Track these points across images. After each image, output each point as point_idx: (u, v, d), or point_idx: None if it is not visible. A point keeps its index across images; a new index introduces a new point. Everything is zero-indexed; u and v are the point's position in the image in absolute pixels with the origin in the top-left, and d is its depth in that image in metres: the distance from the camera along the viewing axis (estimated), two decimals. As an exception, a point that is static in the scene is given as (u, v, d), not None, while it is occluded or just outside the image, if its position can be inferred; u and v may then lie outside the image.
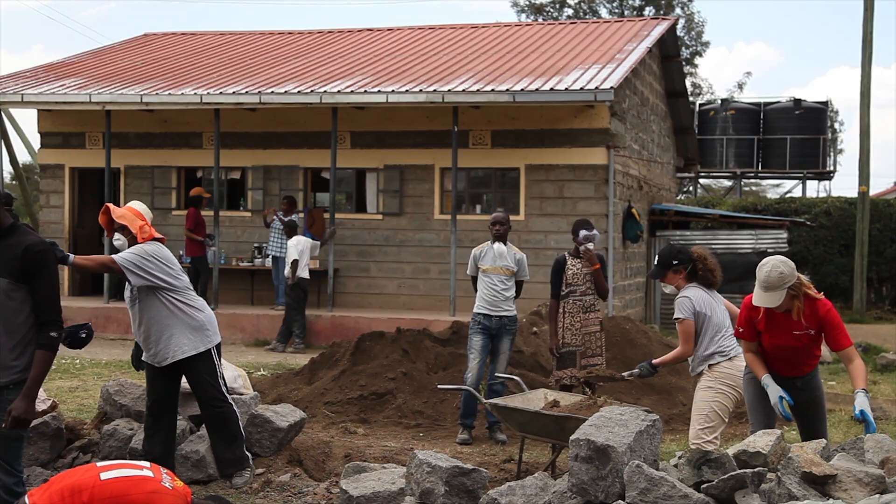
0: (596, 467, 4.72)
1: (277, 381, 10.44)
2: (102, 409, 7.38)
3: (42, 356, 4.74)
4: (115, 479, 4.17)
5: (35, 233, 4.89)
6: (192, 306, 6.49)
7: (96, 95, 16.00)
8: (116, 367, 12.53)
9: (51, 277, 4.78)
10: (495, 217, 8.78)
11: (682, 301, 6.61)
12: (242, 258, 17.01)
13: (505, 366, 8.56)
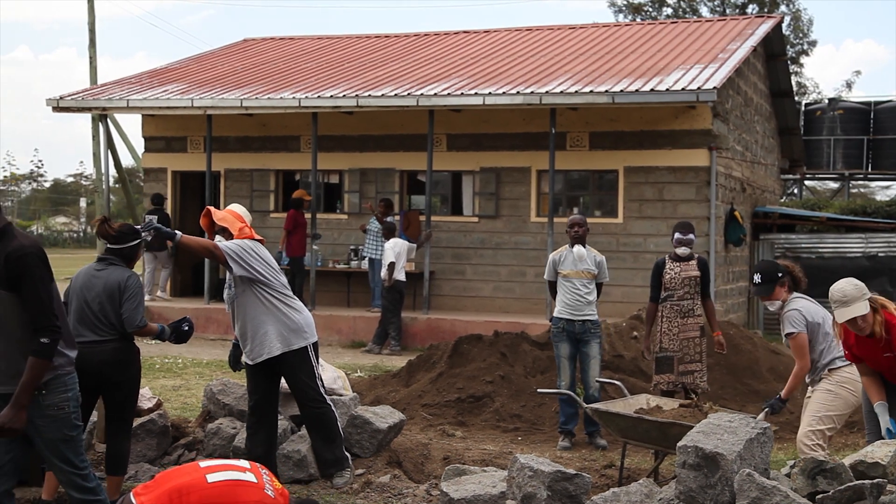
0: (704, 475, 4.59)
1: (375, 382, 10.46)
2: (206, 408, 7.47)
3: (33, 363, 4.56)
4: (222, 482, 4.19)
5: (23, 236, 4.72)
6: (290, 306, 6.53)
7: (198, 100, 16.31)
8: (217, 366, 12.72)
9: (35, 282, 4.58)
10: (573, 219, 8.65)
11: (793, 314, 6.34)
12: (339, 260, 17.15)
13: (598, 371, 8.41)
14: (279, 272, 6.60)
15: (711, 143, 15.17)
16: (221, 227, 6.51)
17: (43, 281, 4.60)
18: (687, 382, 8.31)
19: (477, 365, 9.53)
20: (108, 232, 6.02)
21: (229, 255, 6.25)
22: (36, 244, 4.66)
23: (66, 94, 17.62)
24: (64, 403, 4.74)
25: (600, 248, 13.64)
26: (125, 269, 6.11)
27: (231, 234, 6.47)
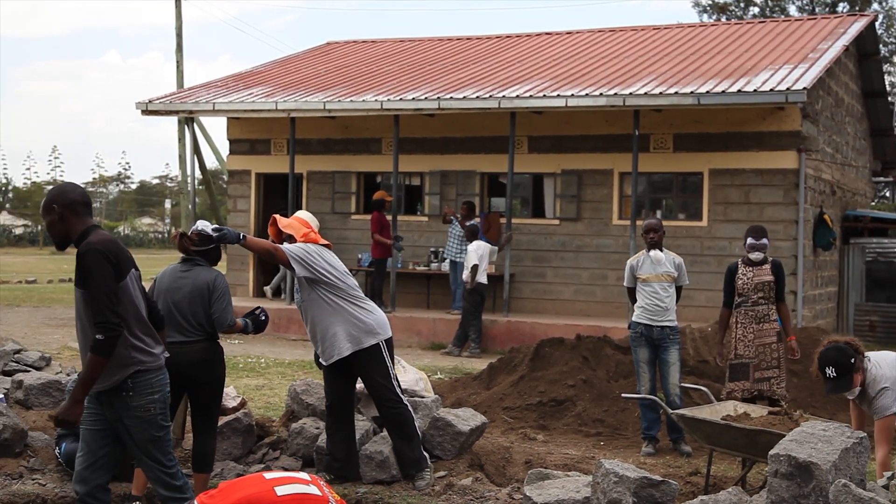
0: (797, 484, 4.47)
1: (456, 385, 10.44)
2: (290, 408, 7.53)
3: (90, 359, 4.64)
4: (291, 495, 4.18)
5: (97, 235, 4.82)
6: (359, 306, 6.53)
7: (282, 103, 16.51)
8: (299, 366, 12.84)
9: (95, 279, 4.66)
10: (648, 224, 8.50)
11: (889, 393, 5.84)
12: (419, 262, 17.18)
13: (678, 377, 8.26)
14: (346, 274, 6.61)
15: (800, 145, 14.82)
16: (288, 234, 6.57)
17: (102, 278, 4.65)
18: (763, 389, 8.12)
19: (559, 368, 9.44)
20: (187, 247, 6.12)
21: (291, 256, 6.29)
22: (104, 243, 4.72)
23: (154, 97, 18.01)
24: (150, 405, 4.80)
25: (683, 251, 13.48)
26: (211, 270, 6.19)
27: (296, 239, 6.53)
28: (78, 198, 4.84)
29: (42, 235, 62.75)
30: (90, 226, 4.81)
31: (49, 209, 4.82)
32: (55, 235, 4.86)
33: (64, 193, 4.84)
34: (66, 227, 4.81)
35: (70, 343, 14.17)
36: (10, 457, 7.15)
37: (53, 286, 27.12)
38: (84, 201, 4.86)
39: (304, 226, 6.58)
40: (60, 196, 4.82)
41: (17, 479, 6.87)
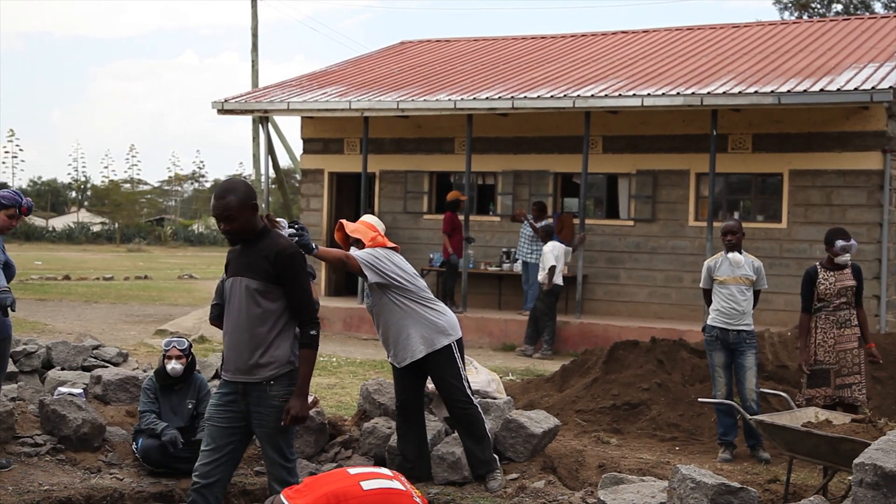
0: (884, 494, 4.32)
1: (528, 386, 10.36)
2: (362, 407, 7.53)
3: (306, 354, 4.92)
4: (377, 490, 4.19)
5: (283, 237, 5.06)
6: (430, 308, 6.51)
7: (356, 102, 16.58)
8: (370, 365, 12.88)
9: (301, 279, 4.91)
10: (727, 226, 8.31)
11: None
12: (491, 262, 17.12)
13: (755, 382, 8.07)
14: (416, 276, 6.59)
15: (886, 146, 14.42)
16: (355, 238, 6.57)
17: (306, 278, 4.98)
18: (845, 396, 7.89)
19: (633, 371, 9.30)
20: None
21: (363, 263, 6.30)
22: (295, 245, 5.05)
23: (229, 97, 18.23)
24: (287, 396, 4.95)
25: (762, 254, 13.21)
26: None
27: (364, 243, 6.53)
28: (254, 195, 5.03)
29: (119, 232, 64.19)
30: (264, 225, 5.05)
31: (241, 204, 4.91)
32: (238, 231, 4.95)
33: (251, 190, 5.01)
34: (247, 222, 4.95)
35: (146, 340, 14.42)
36: (89, 451, 7.27)
37: (130, 283, 27.69)
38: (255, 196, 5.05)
39: (370, 230, 6.59)
40: (249, 194, 4.96)
41: (95, 473, 6.99)
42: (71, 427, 7.21)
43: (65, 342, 9.59)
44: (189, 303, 21.04)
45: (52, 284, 25.34)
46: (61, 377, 8.55)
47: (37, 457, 7.02)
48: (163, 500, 6.80)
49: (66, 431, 7.21)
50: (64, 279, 27.30)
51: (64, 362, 9.14)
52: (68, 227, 66.36)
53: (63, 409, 7.29)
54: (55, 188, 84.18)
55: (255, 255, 4.92)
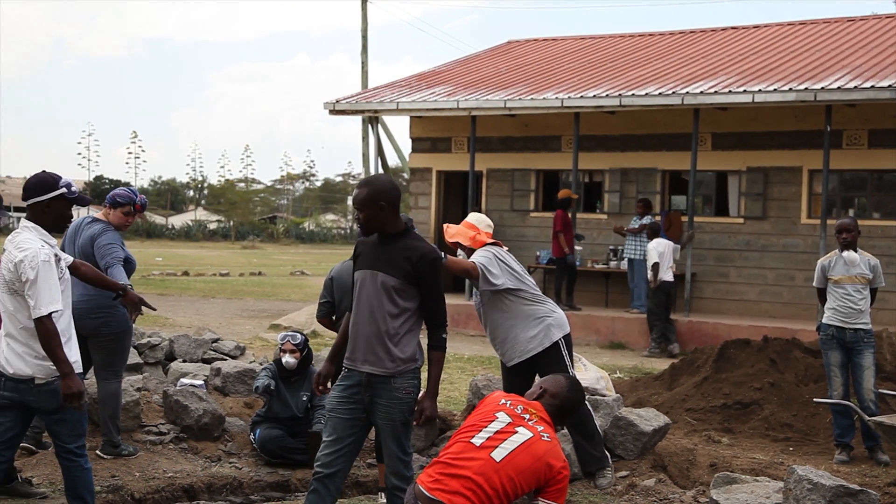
0: None
1: (636, 384, 10.32)
2: (471, 402, 7.64)
3: (437, 357, 4.99)
4: (510, 455, 4.26)
5: (424, 240, 5.10)
6: (539, 306, 6.55)
7: (464, 102, 16.71)
8: (478, 361, 12.99)
9: (438, 284, 5.00)
10: (843, 224, 8.11)
11: None
12: (598, 260, 17.06)
13: (872, 382, 7.87)
14: (524, 273, 6.63)
15: None
16: (455, 241, 6.65)
17: (441, 284, 5.05)
18: None
19: (744, 371, 9.18)
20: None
21: (484, 270, 6.37)
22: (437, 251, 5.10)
23: (340, 97, 18.57)
24: (411, 388, 5.03)
25: (879, 252, 12.85)
26: None
27: (465, 246, 6.59)
28: (398, 194, 5.06)
29: (234, 230, 65.88)
30: (408, 225, 5.15)
31: (372, 202, 4.98)
32: (367, 225, 5.06)
33: (394, 188, 5.06)
34: (385, 220, 5.01)
35: (261, 334, 14.83)
36: (210, 440, 7.56)
37: (244, 279, 28.43)
38: (400, 196, 5.09)
39: (469, 229, 6.61)
40: (391, 190, 5.02)
41: (215, 462, 7.26)
42: (193, 417, 7.51)
43: (186, 335, 9.97)
44: (301, 298, 21.51)
45: (171, 280, 26.22)
46: (183, 369, 8.90)
47: (161, 445, 7.34)
48: (279, 490, 7.02)
49: (188, 421, 7.52)
50: (183, 275, 28.23)
51: (185, 355, 9.51)
52: (186, 224, 68.53)
53: (185, 399, 7.61)
54: (174, 187, 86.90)
55: (395, 253, 4.96)
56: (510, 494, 4.25)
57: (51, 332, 4.83)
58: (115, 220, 6.99)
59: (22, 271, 4.89)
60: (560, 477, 4.33)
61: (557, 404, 4.62)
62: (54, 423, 5.08)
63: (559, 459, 4.35)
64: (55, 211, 5.12)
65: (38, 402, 4.99)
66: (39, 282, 4.84)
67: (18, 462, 6.41)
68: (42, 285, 4.85)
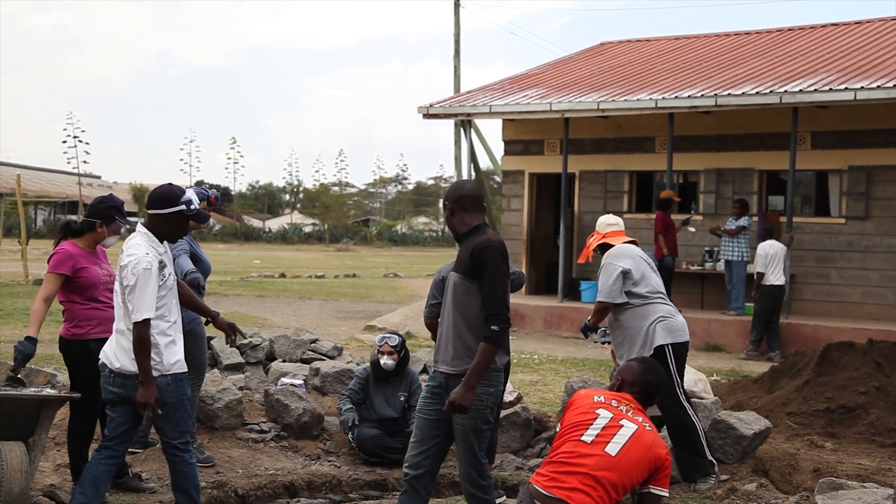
0: None
1: (735, 387, 10.15)
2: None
3: (483, 348, 4.84)
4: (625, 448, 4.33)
5: (491, 232, 5.06)
6: (652, 308, 6.53)
7: (556, 104, 16.66)
8: (572, 363, 12.95)
9: (493, 274, 4.88)
10: None
11: None
12: (693, 262, 16.82)
13: None
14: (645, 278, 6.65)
15: None
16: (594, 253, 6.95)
17: (500, 274, 4.92)
18: None
19: (848, 374, 8.94)
20: None
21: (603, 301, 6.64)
22: (500, 242, 5.01)
23: (434, 101, 18.69)
24: (485, 396, 4.97)
25: None
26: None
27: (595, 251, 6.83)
28: (467, 193, 5.10)
29: (328, 233, 66.81)
30: (480, 223, 5.10)
31: (443, 205, 5.19)
32: (449, 228, 5.21)
33: (455, 190, 5.15)
34: (456, 221, 5.11)
35: (357, 335, 15.02)
36: (309, 439, 7.71)
37: (339, 281, 28.82)
38: (473, 196, 5.11)
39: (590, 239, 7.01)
40: (451, 193, 5.14)
41: (315, 460, 7.41)
42: (293, 416, 7.68)
43: (285, 336, 10.17)
44: (395, 300, 21.72)
45: (269, 282, 26.73)
46: (283, 369, 9.08)
47: (262, 443, 7.52)
48: (377, 488, 7.12)
49: (289, 420, 7.68)
50: (280, 277, 28.76)
51: (285, 355, 9.70)
52: (283, 227, 69.82)
53: (286, 398, 7.77)
54: (271, 191, 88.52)
55: (463, 251, 5.04)
56: (626, 487, 4.35)
57: (141, 339, 5.02)
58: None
59: (124, 276, 5.10)
60: (667, 463, 4.46)
61: (639, 391, 4.71)
62: (159, 420, 5.26)
63: (663, 447, 4.48)
64: (171, 225, 5.30)
65: None
66: (138, 289, 5.03)
67: (129, 457, 6.64)
68: (140, 292, 5.03)
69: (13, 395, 5.38)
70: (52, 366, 9.03)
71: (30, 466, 5.32)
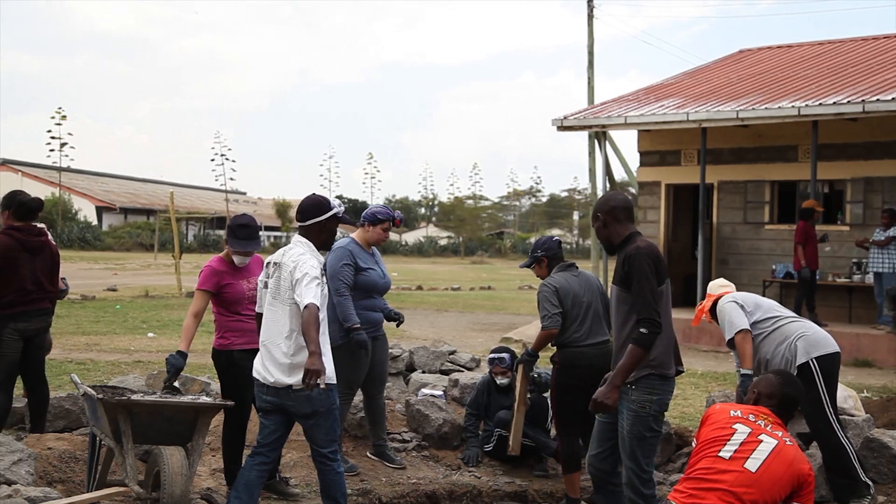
0: None
1: (888, 404, 9.75)
2: (707, 418, 7.52)
3: (631, 349, 4.90)
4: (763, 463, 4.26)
5: (642, 241, 5.11)
6: (783, 328, 6.44)
7: (693, 114, 16.42)
8: (712, 377, 12.72)
9: (641, 279, 4.93)
10: None
11: None
12: (839, 274, 16.29)
13: None
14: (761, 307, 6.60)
15: None
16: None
17: (647, 280, 4.98)
18: None
19: None
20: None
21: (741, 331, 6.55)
22: (650, 248, 5.09)
23: (568, 113, 18.68)
24: (647, 403, 5.05)
25: None
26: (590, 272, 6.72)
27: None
28: (618, 204, 5.23)
29: (463, 246, 67.35)
30: (632, 232, 5.20)
31: (594, 217, 5.32)
32: (601, 240, 5.32)
33: (606, 202, 5.27)
34: (609, 233, 5.22)
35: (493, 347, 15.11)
36: (449, 449, 7.84)
37: (475, 293, 29.03)
38: (624, 207, 5.22)
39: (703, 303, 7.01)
40: (603, 205, 5.26)
41: (455, 470, 7.52)
42: (433, 426, 7.82)
43: (424, 347, 10.36)
44: (530, 312, 21.73)
45: (407, 294, 27.16)
46: (422, 379, 9.26)
47: (404, 452, 7.68)
48: (517, 499, 7.18)
49: (429, 430, 7.83)
50: (417, 289, 29.19)
51: (424, 366, 9.88)
52: (419, 241, 70.81)
53: (426, 409, 7.93)
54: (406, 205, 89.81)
55: (617, 262, 5.15)
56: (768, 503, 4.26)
57: (313, 316, 5.04)
58: (373, 237, 7.14)
59: (292, 271, 5.24)
60: (811, 479, 4.36)
61: (776, 403, 4.63)
62: (310, 428, 5.44)
63: (806, 462, 4.38)
64: (329, 231, 5.50)
65: (295, 407, 5.35)
66: (305, 281, 5.15)
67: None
68: (307, 285, 5.13)
69: (173, 401, 5.68)
70: (206, 374, 9.45)
71: (189, 470, 5.60)
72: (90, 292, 22.34)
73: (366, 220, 7.13)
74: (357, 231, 7.19)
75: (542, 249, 6.62)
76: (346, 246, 6.97)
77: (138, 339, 14.94)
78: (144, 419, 5.51)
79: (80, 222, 58.68)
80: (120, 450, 5.54)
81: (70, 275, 10.26)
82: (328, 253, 6.77)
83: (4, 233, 6.99)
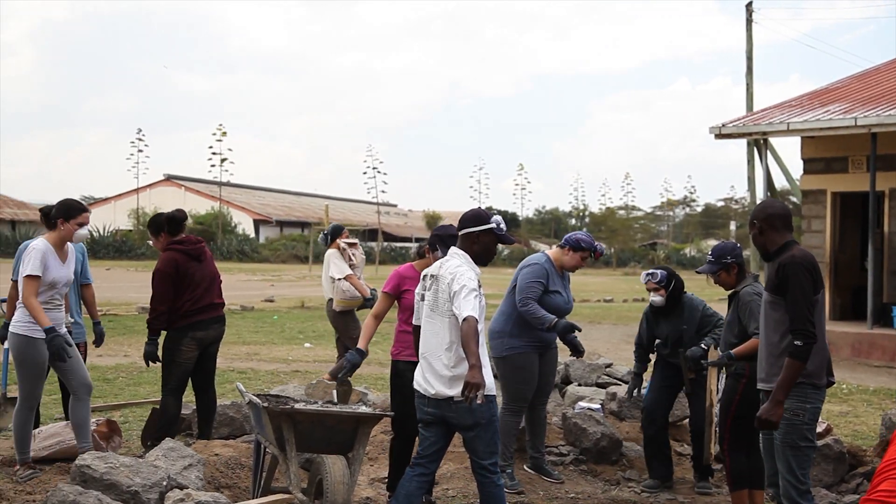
0: None
1: None
2: (884, 437, 7.15)
3: (788, 363, 4.85)
4: None
5: (798, 249, 5.07)
6: None
7: (862, 119, 15.72)
8: (885, 394, 12.11)
9: (796, 289, 4.89)
10: None
11: None
12: None
13: None
14: None
15: None
16: None
17: (802, 289, 4.93)
18: None
19: None
20: None
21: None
22: (806, 257, 5.03)
23: (726, 121, 18.19)
24: (800, 411, 5.00)
25: None
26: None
27: None
28: (776, 212, 5.21)
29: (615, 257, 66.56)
30: (788, 240, 5.17)
31: (751, 224, 5.31)
32: (757, 248, 5.30)
33: (763, 209, 5.27)
34: (765, 240, 5.22)
35: (649, 360, 14.81)
36: (608, 464, 7.70)
37: (628, 305, 28.59)
38: (782, 215, 5.20)
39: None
40: (760, 212, 5.26)
41: (614, 486, 7.38)
42: (591, 440, 7.70)
43: (580, 360, 10.21)
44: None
45: (557, 307, 26.96)
46: (579, 392, 9.12)
47: (562, 465, 7.58)
48: (680, 517, 6.99)
49: (587, 444, 7.71)
50: (569, 302, 28.94)
51: (580, 379, 9.74)
52: (569, 252, 70.24)
53: (583, 422, 7.81)
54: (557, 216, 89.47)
55: (770, 269, 5.10)
56: None
57: (472, 328, 5.06)
58: (570, 262, 7.24)
59: (450, 283, 5.27)
60: None
61: None
62: (471, 440, 5.41)
63: None
64: (483, 244, 5.48)
65: (456, 419, 5.34)
66: (463, 294, 5.16)
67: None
68: (465, 297, 5.15)
69: (335, 411, 5.76)
70: (364, 384, 9.59)
71: (350, 479, 5.66)
72: (249, 303, 23.09)
73: (567, 244, 7.24)
74: (554, 251, 7.34)
75: (734, 256, 6.47)
76: (543, 264, 7.17)
77: (296, 349, 15.34)
78: (307, 428, 5.60)
79: (239, 235, 60.93)
80: (284, 457, 5.65)
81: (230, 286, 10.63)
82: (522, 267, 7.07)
83: (170, 249, 7.30)
